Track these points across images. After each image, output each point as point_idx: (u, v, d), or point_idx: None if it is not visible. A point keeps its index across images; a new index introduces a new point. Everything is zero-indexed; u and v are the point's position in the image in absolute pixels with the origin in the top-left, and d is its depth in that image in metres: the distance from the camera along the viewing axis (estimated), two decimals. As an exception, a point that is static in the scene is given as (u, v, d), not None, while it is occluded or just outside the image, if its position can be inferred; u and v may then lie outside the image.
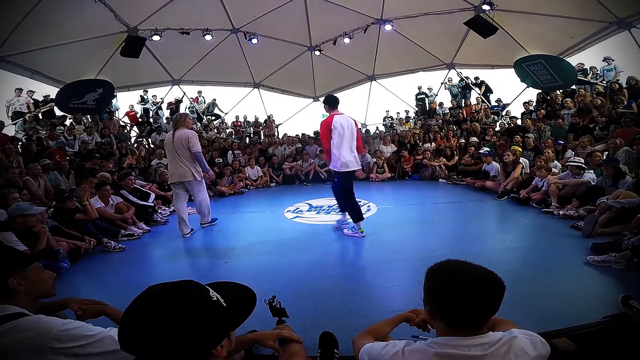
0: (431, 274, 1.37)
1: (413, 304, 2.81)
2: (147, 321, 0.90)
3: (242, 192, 9.97)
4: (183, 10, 10.73)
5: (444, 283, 1.29)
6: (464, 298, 1.24)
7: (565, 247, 4.61)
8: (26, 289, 1.62)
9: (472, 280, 1.25)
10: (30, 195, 6.16)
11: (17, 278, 1.59)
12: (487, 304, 1.27)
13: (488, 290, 1.26)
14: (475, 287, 1.24)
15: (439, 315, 1.33)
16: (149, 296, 0.96)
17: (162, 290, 0.98)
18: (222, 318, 1.00)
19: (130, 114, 14.30)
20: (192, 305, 0.94)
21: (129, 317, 0.94)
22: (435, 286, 1.33)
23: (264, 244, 5.33)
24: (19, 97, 11.40)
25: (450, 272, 1.30)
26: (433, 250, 4.62)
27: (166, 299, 0.94)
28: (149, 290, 0.98)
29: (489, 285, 1.26)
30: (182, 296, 0.96)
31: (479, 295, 1.25)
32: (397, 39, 12.84)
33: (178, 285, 1.00)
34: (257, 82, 15.74)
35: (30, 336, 1.42)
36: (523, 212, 6.57)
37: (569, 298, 3.17)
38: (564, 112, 10.54)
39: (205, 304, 0.97)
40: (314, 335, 2.48)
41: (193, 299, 0.96)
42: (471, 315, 1.28)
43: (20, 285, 1.60)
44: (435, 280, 1.34)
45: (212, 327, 0.96)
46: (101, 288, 4.20)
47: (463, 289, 1.24)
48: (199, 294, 0.99)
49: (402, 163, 11.30)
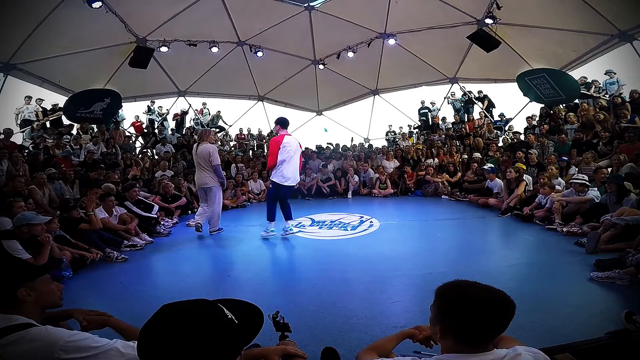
0: (444, 293, 1.38)
1: (415, 320, 2.81)
2: (166, 340, 0.90)
3: (245, 206, 9.98)
4: (191, 22, 10.91)
5: (459, 302, 1.30)
6: (480, 317, 1.26)
7: (568, 264, 4.59)
8: (34, 300, 1.63)
9: (486, 299, 1.28)
10: (35, 204, 6.20)
11: (27, 289, 1.61)
12: (501, 323, 1.29)
13: (500, 309, 1.28)
14: (491, 306, 1.27)
15: (452, 333, 1.33)
16: (166, 315, 0.96)
17: (180, 309, 0.98)
18: (237, 335, 1.00)
19: (135, 124, 14.40)
20: (210, 324, 0.94)
21: (149, 336, 0.93)
22: (450, 305, 1.34)
23: (266, 258, 5.34)
24: (28, 105, 11.55)
25: (466, 292, 1.32)
26: (435, 267, 4.61)
27: (185, 318, 0.94)
28: (165, 309, 0.98)
29: (501, 304, 1.28)
30: (201, 315, 0.96)
31: (495, 315, 1.27)
32: (401, 53, 12.96)
33: (194, 304, 1.00)
34: (261, 95, 15.87)
35: (37, 347, 1.43)
36: (526, 229, 6.56)
37: (572, 314, 3.16)
38: (567, 127, 10.53)
39: (222, 323, 0.97)
40: (316, 350, 2.47)
41: (211, 318, 0.96)
42: (485, 334, 1.30)
43: (29, 296, 1.60)
44: (449, 299, 1.35)
45: (228, 345, 0.96)
46: (103, 298, 4.21)
47: (476, 307, 1.26)
48: (215, 312, 0.99)
49: (405, 179, 11.30)
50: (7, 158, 7.49)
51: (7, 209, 4.95)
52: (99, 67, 11.54)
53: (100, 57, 11.13)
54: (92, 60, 11.01)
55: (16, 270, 1.68)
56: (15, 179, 6.55)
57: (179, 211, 8.47)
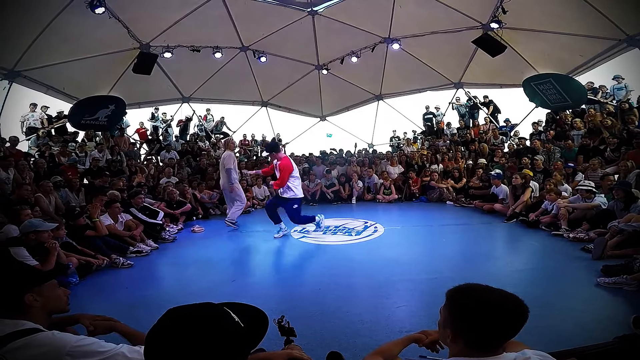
0: (456, 296, 1.37)
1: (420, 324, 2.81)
2: (173, 345, 0.90)
3: (249, 212, 9.94)
4: (194, 28, 10.96)
5: (472, 306, 1.30)
6: (493, 321, 1.26)
7: (575, 270, 4.57)
8: (41, 305, 1.64)
9: (501, 304, 1.28)
10: (42, 211, 6.22)
11: (34, 294, 1.61)
12: (513, 328, 1.29)
13: (516, 314, 1.28)
14: (504, 311, 1.26)
15: (463, 337, 1.32)
16: (173, 319, 0.96)
17: (186, 313, 0.97)
18: (243, 339, 1.00)
19: (140, 131, 14.45)
20: (217, 328, 0.94)
21: (155, 340, 0.93)
22: (461, 308, 1.33)
23: (271, 263, 5.34)
24: (34, 112, 11.64)
25: (479, 296, 1.31)
26: (440, 272, 4.60)
27: (191, 322, 0.93)
28: (171, 313, 0.97)
29: (516, 309, 1.28)
30: (207, 319, 0.95)
31: (507, 319, 1.27)
32: (405, 58, 12.95)
33: (200, 307, 1.00)
34: (265, 100, 15.91)
35: (44, 352, 1.43)
36: (532, 234, 6.52)
37: (579, 319, 3.15)
38: (574, 133, 10.46)
39: (228, 327, 0.97)
40: (322, 354, 2.46)
41: (217, 322, 0.96)
42: (496, 338, 1.30)
43: (36, 301, 1.61)
44: (461, 302, 1.34)
45: (235, 349, 0.96)
46: (109, 303, 4.21)
47: (493, 312, 1.26)
48: (221, 316, 0.99)
49: (410, 184, 11.27)
50: (13, 166, 7.54)
51: (14, 217, 4.99)
52: (103, 74, 11.58)
53: (104, 64, 11.18)
54: (96, 66, 11.06)
55: (23, 275, 1.68)
56: (22, 187, 6.59)
57: (183, 217, 8.48)
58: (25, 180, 7.33)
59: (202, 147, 13.80)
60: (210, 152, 13.41)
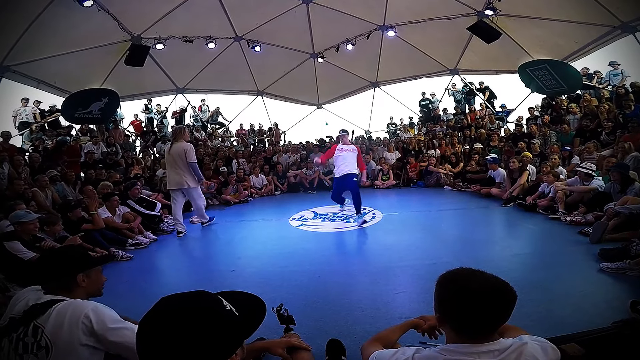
0: (443, 283, 1.37)
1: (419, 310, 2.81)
2: (163, 333, 0.90)
3: (247, 201, 9.98)
4: (186, 19, 10.83)
5: (456, 292, 1.29)
6: (476, 307, 1.25)
7: (572, 253, 4.57)
8: (86, 286, 1.85)
9: (485, 289, 1.26)
10: (38, 206, 6.19)
11: (84, 275, 1.84)
12: (499, 313, 1.28)
13: (500, 299, 1.26)
14: (487, 296, 1.25)
15: (450, 323, 1.33)
16: (164, 308, 0.96)
17: (177, 301, 0.97)
18: (236, 328, 0.99)
19: (135, 123, 14.39)
20: (207, 316, 0.94)
21: (145, 328, 0.93)
22: (447, 295, 1.33)
23: (269, 252, 5.33)
24: (26, 107, 11.51)
25: (463, 281, 1.30)
26: (439, 257, 4.60)
27: (182, 310, 0.94)
28: (163, 302, 0.97)
29: (501, 294, 1.27)
30: (198, 307, 0.95)
31: (491, 305, 1.25)
32: (400, 45, 12.90)
33: (192, 296, 1.00)
34: (260, 89, 15.84)
35: (69, 315, 1.58)
36: (529, 218, 6.53)
37: (578, 304, 3.14)
38: (569, 118, 10.48)
39: (220, 314, 0.96)
40: (321, 342, 2.48)
41: (208, 310, 0.96)
42: (482, 324, 1.28)
43: (83, 282, 1.83)
44: (447, 288, 1.34)
45: (227, 337, 0.95)
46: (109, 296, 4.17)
47: (476, 298, 1.25)
48: (213, 304, 0.99)
49: (407, 170, 11.29)
50: (7, 161, 7.49)
51: (8, 212, 4.96)
52: (94, 67, 11.47)
53: (96, 57, 11.04)
54: (88, 60, 10.93)
55: (80, 257, 1.89)
56: (15, 182, 6.54)
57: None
58: (21, 176, 7.28)
59: (199, 137, 13.74)
60: (207, 142, 13.36)
